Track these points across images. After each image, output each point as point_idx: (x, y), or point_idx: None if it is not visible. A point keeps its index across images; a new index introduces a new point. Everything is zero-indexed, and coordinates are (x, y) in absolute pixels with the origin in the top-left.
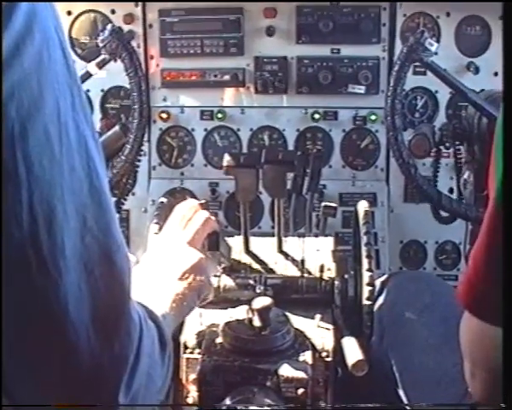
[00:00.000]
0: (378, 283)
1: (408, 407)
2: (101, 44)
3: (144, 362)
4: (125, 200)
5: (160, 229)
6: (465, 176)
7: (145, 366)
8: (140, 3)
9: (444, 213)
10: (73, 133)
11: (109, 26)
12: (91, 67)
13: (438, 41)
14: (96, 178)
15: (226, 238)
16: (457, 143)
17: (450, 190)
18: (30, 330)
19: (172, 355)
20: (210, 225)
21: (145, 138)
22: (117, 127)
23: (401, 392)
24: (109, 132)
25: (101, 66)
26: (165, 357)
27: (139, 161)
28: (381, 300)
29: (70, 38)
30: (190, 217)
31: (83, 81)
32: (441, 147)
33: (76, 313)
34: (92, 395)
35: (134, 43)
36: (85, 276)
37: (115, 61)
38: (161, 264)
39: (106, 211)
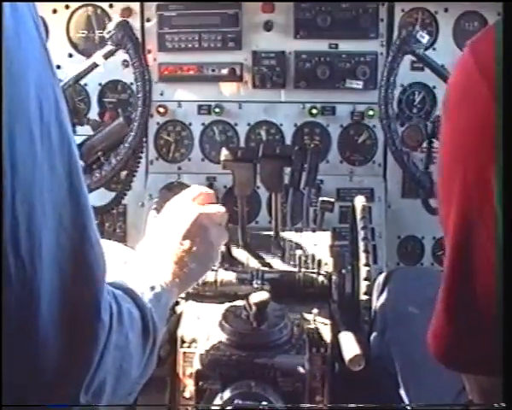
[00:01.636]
0: (380, 279)
1: (408, 407)
2: (107, 36)
3: (112, 358)
4: (125, 194)
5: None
6: None
7: (111, 362)
8: None
9: (434, 204)
10: (56, 132)
11: (115, 17)
12: (98, 57)
13: (436, 37)
14: (77, 178)
15: None
16: None
17: None
18: (3, 322)
19: (159, 340)
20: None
21: None
22: (121, 119)
23: (401, 386)
24: (114, 123)
25: (107, 56)
26: (148, 345)
27: (142, 152)
28: (383, 296)
29: (67, 31)
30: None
31: (88, 72)
32: (433, 139)
33: (47, 310)
34: (54, 392)
35: None
36: (58, 274)
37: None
38: (162, 231)
39: (83, 210)
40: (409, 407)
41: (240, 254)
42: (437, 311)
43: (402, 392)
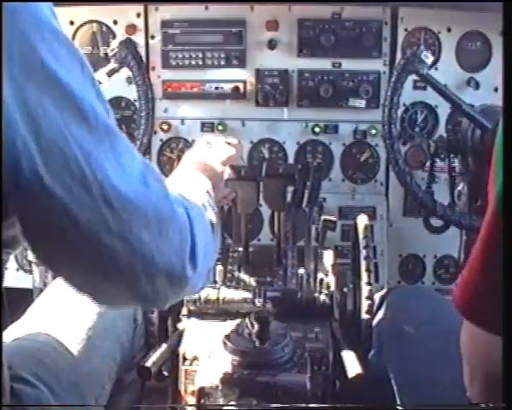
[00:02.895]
0: (377, 297)
1: (402, 408)
2: (110, 53)
3: (201, 241)
4: None
5: None
6: (459, 187)
7: (202, 244)
8: (142, 14)
9: (435, 224)
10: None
11: (120, 34)
12: (101, 75)
13: (438, 56)
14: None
15: None
16: (452, 155)
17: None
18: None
19: (219, 231)
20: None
21: None
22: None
23: (399, 406)
24: None
25: (110, 74)
26: (214, 233)
27: None
28: (380, 314)
29: None
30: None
31: None
32: (436, 159)
33: (144, 222)
34: (172, 272)
35: None
36: (144, 190)
37: (117, 71)
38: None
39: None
40: (406, 408)
41: (242, 272)
42: (470, 265)
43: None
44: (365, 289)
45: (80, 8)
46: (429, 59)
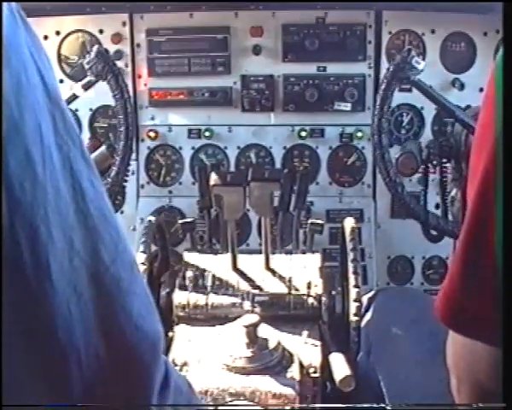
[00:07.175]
0: (365, 299)
1: (394, 407)
2: (86, 66)
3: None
4: None
5: (147, 248)
6: (452, 193)
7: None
8: (128, 23)
9: (433, 232)
10: (56, 156)
11: (95, 48)
12: (77, 88)
13: (423, 58)
14: (82, 201)
15: None
16: (444, 160)
17: (437, 206)
18: (24, 349)
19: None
20: None
21: (133, 157)
22: (103, 148)
23: (388, 407)
24: (96, 153)
25: (86, 88)
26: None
27: (126, 181)
28: (368, 316)
29: (59, 57)
30: None
31: (69, 102)
32: (428, 164)
33: (66, 336)
34: None
35: (122, 63)
36: (75, 299)
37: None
38: None
39: (92, 233)
40: (400, 407)
41: (230, 277)
42: (450, 273)
43: None
44: (353, 292)
45: (66, 17)
46: (421, 64)
